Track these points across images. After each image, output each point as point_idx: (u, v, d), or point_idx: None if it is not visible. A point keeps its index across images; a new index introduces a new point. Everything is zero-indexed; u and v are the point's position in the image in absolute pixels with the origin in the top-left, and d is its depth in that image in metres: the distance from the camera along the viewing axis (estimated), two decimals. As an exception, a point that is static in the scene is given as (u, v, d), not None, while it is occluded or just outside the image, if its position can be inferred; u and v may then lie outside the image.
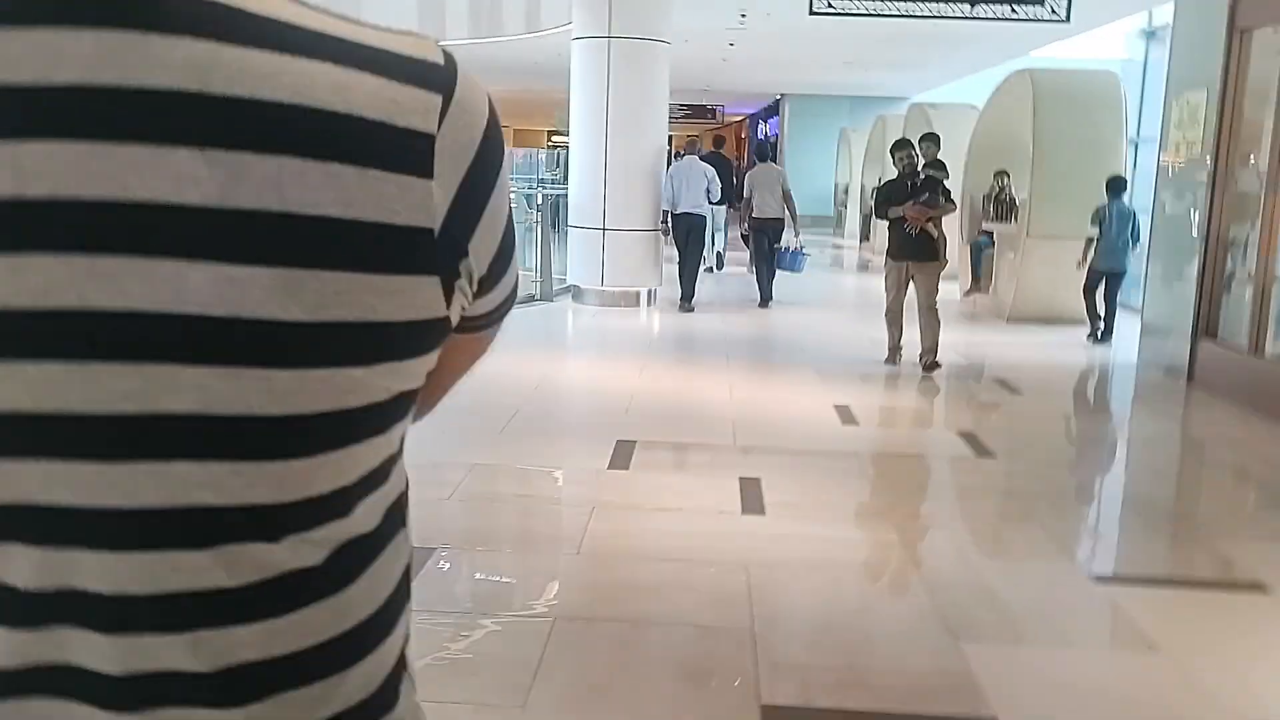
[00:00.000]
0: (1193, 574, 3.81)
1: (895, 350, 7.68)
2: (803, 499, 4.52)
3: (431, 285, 0.54)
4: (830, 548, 3.95)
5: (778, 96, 27.28)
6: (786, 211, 11.36)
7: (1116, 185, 9.31)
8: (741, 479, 4.74)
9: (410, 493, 0.66)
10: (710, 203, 11.00)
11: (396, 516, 0.62)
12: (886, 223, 7.68)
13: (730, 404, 6.41)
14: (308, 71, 0.50)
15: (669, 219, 10.85)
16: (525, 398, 6.36)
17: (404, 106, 0.52)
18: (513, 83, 24.58)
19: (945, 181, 7.96)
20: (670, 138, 32.81)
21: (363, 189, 0.51)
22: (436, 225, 0.54)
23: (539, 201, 12.14)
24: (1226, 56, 7.25)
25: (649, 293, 10.89)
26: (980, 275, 11.70)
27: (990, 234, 11.59)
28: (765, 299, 11.33)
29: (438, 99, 0.54)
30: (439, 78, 0.55)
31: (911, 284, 7.47)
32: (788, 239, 11.59)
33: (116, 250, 0.48)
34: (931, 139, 8.83)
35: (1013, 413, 6.61)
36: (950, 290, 12.49)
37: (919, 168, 7.86)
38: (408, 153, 0.52)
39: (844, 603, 3.49)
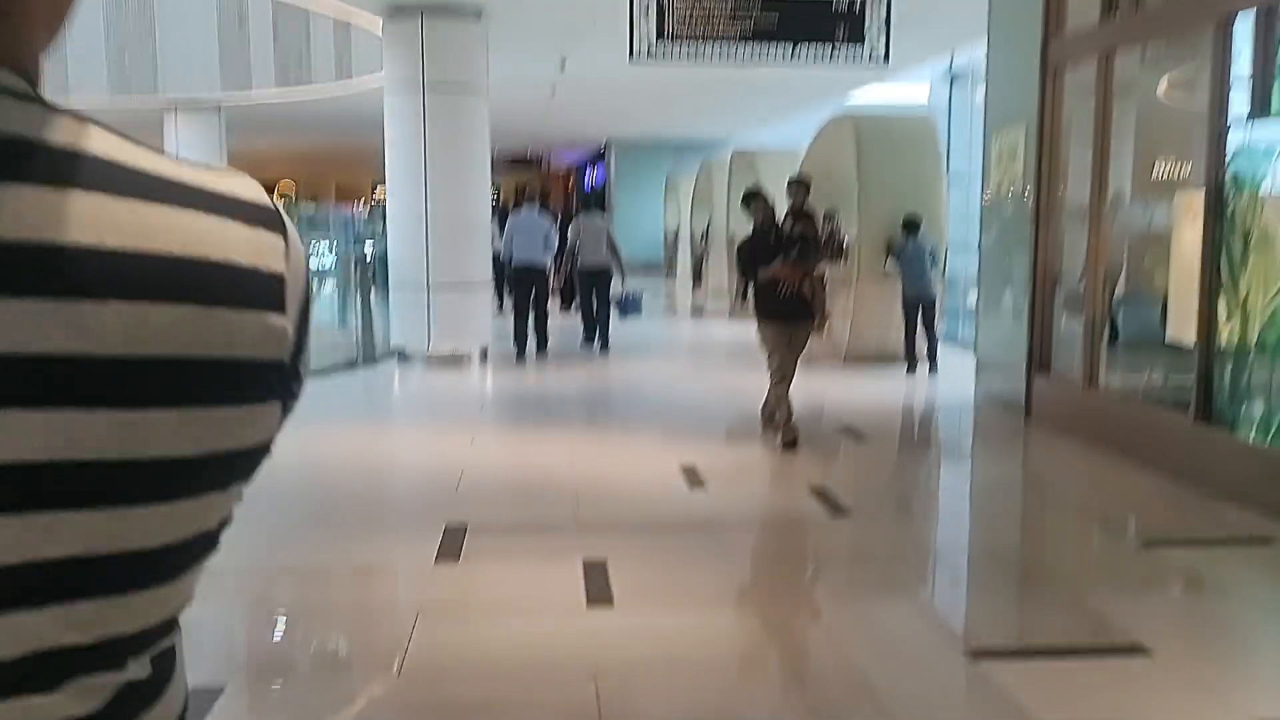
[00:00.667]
0: (1069, 639, 3.56)
1: (771, 419, 6.68)
2: (653, 582, 4.10)
3: (277, 409, 0.60)
4: (686, 642, 3.53)
5: (604, 144, 27.26)
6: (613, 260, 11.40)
7: (911, 224, 9.70)
8: (586, 563, 4.29)
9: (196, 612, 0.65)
10: (547, 253, 10.85)
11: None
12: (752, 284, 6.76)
13: (571, 472, 5.96)
14: (189, 223, 0.54)
15: (506, 271, 10.88)
16: (343, 481, 5.74)
17: (264, 251, 0.57)
18: (335, 135, 23.70)
19: (822, 228, 7.49)
20: (499, 187, 32.40)
21: (242, 330, 0.55)
22: (287, 357, 0.59)
23: (355, 260, 11.48)
24: (1042, 93, 7.35)
25: (481, 351, 10.37)
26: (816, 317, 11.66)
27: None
28: (601, 345, 11.39)
29: (281, 240, 0.58)
30: (276, 219, 0.59)
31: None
32: (618, 288, 11.68)
33: (9, 404, 0.48)
34: (800, 186, 8.06)
35: (861, 463, 6.40)
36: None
37: (781, 219, 7.09)
38: (270, 294, 0.57)
39: (706, 712, 3.07)
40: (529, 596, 3.95)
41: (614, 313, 11.78)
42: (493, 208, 14.77)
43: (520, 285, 10.73)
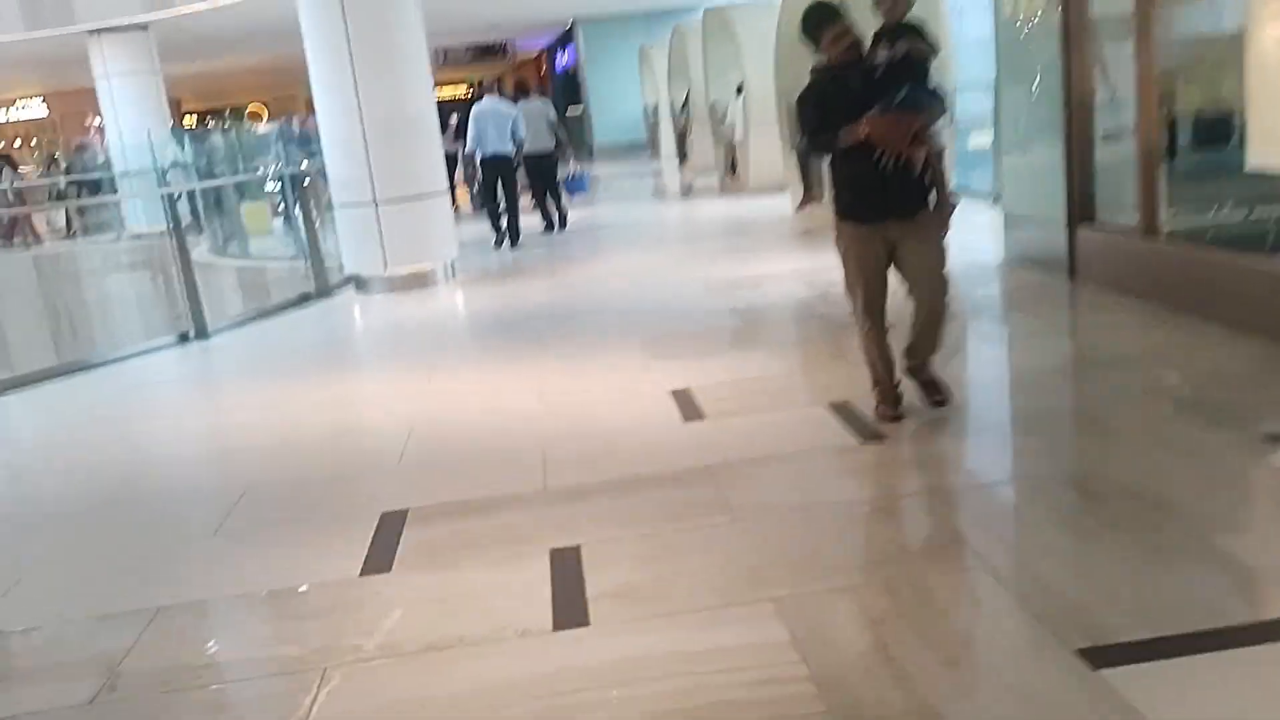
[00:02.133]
0: (1215, 617, 2.55)
1: (889, 387, 4.26)
2: (639, 577, 3.10)
3: None
4: (687, 676, 2.54)
5: (569, 23, 25.51)
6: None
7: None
8: (554, 554, 3.30)
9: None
10: (513, 142, 10.85)
11: None
12: (827, 159, 4.57)
13: (541, 415, 4.93)
14: None
15: (476, 164, 11.14)
16: (263, 463, 4.73)
17: None
18: (297, 47, 22.02)
19: (929, 58, 5.11)
20: (472, 83, 30.55)
21: None
22: None
23: (294, 179, 10.26)
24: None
25: (446, 267, 9.25)
26: (814, 185, 10.48)
27: (816, 137, 10.35)
28: (558, 226, 11.61)
29: None
30: None
31: (895, 257, 4.13)
32: (567, 169, 12.24)
33: None
34: None
35: (888, 358, 5.34)
36: (773, 207, 11.26)
37: (885, 38, 4.91)
38: None
39: (723, 807, 2.10)
40: (478, 623, 2.95)
41: (564, 194, 11.97)
42: (472, 100, 13.66)
43: (489, 175, 10.91)
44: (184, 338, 7.87)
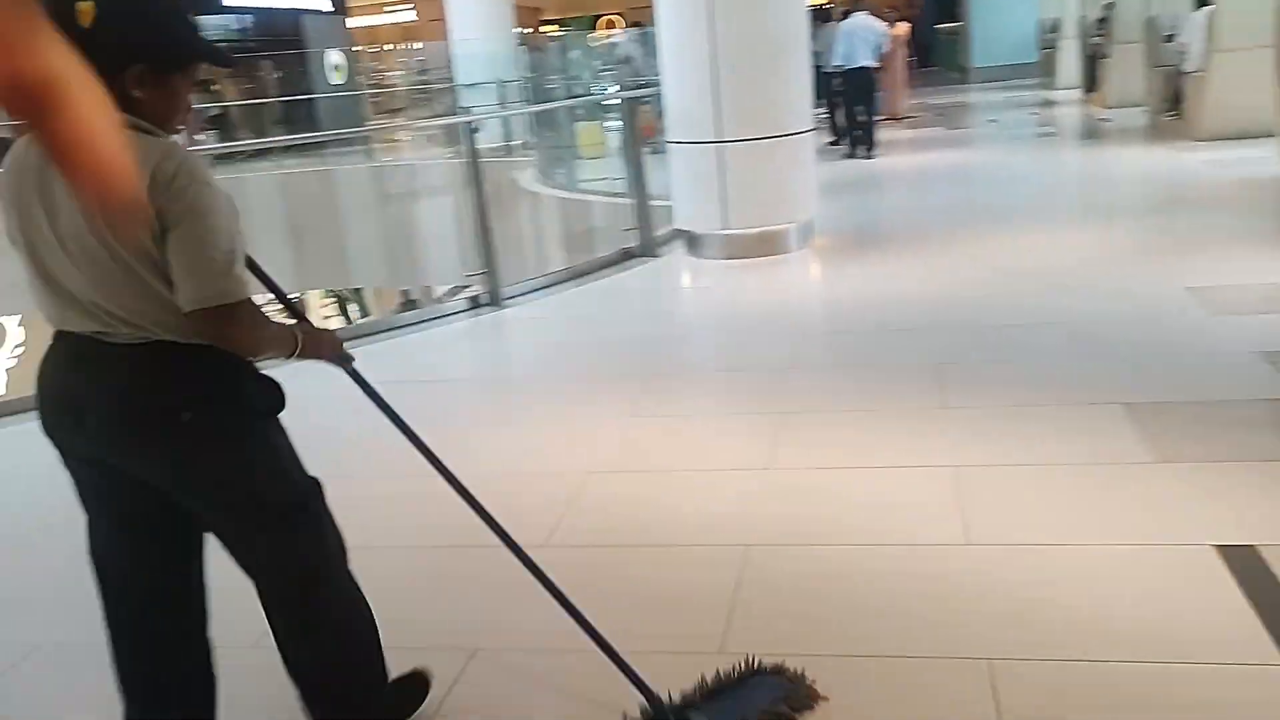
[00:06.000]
0: None
1: None
2: None
3: None
4: None
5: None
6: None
7: None
8: None
9: None
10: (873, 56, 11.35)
11: None
12: None
13: (974, 578, 2.77)
14: None
15: (838, 77, 11.61)
16: (515, 597, 2.92)
17: None
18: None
19: None
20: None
21: None
22: None
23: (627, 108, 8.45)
24: None
25: (800, 228, 7.21)
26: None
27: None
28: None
29: None
30: None
31: None
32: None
33: None
34: None
35: None
36: (1249, 164, 8.07)
37: None
38: None
39: None
40: None
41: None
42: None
43: (850, 88, 11.50)
44: (474, 303, 6.41)
